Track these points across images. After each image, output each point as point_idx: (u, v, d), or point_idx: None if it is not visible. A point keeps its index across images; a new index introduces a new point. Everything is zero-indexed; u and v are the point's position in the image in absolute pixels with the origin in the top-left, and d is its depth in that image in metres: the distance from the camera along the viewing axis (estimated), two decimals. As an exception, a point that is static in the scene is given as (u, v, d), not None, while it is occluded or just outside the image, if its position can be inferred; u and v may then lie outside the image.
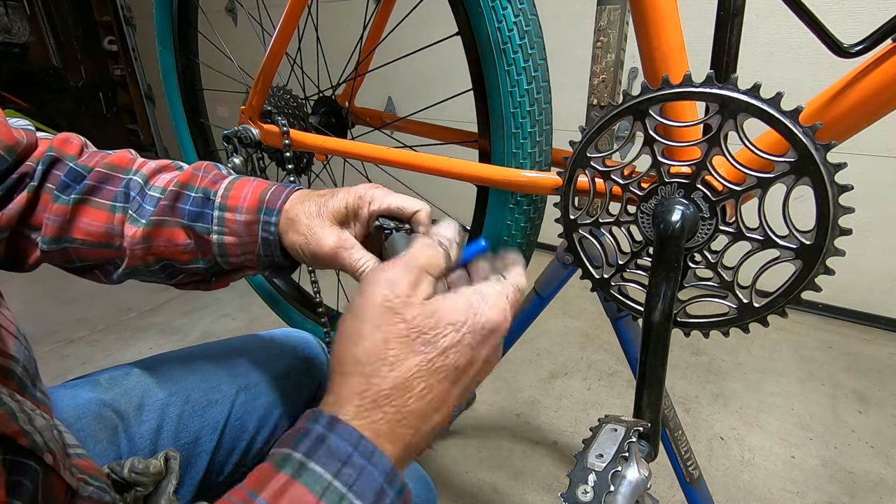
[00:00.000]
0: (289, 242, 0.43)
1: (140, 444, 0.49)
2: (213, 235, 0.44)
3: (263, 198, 0.44)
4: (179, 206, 0.45)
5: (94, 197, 0.45)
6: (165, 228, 0.45)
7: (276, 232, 0.43)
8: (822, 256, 0.39)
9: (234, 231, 0.44)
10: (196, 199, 0.45)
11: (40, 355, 1.52)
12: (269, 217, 0.43)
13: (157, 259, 0.46)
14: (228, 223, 0.44)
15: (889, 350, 1.49)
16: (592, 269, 0.52)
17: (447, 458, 1.14)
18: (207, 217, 0.44)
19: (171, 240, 0.45)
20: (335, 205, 0.42)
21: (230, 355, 0.58)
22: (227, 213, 0.44)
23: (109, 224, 0.45)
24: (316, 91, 0.90)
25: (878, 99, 0.39)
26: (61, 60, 3.98)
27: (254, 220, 0.43)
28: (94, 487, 0.33)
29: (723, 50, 0.50)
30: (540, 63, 0.54)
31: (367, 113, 0.93)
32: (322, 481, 0.24)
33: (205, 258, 0.46)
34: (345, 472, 0.24)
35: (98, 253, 0.46)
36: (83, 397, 0.48)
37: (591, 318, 1.67)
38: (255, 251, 0.45)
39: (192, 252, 0.46)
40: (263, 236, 0.43)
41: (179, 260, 0.46)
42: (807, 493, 1.03)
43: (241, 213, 0.44)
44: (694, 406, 1.27)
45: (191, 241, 0.45)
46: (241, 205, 0.44)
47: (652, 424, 0.45)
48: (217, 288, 0.51)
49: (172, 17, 0.97)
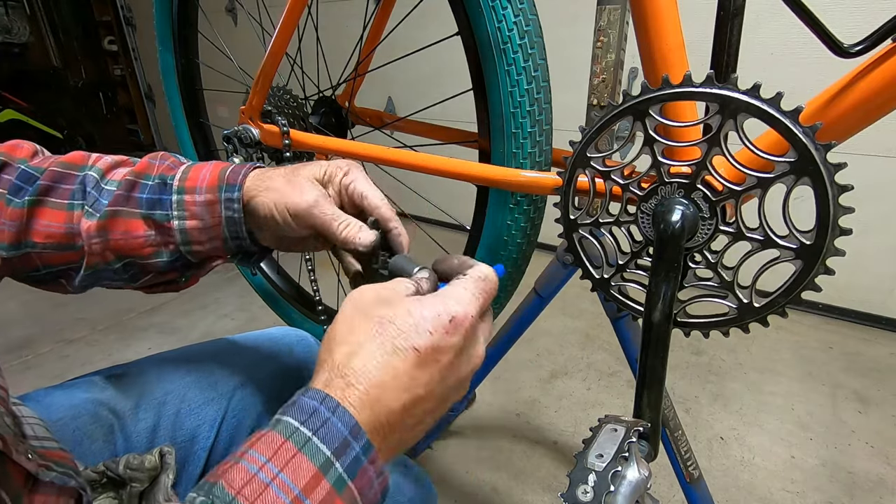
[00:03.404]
0: (261, 204, 0.41)
1: (137, 442, 0.49)
2: (174, 221, 0.42)
3: (223, 175, 0.43)
4: (135, 195, 0.43)
5: (49, 197, 0.43)
6: (121, 219, 0.43)
7: (240, 209, 0.42)
8: (822, 256, 0.39)
9: (195, 214, 0.42)
10: (153, 187, 0.43)
11: (40, 355, 1.53)
12: (231, 193, 0.42)
13: (118, 256, 0.44)
14: (188, 206, 0.42)
15: (889, 350, 1.48)
16: (592, 269, 0.52)
17: (447, 457, 1.14)
18: (166, 203, 0.42)
19: (128, 232, 0.43)
20: (312, 167, 0.42)
21: (227, 354, 0.58)
22: (186, 196, 0.42)
23: (69, 223, 0.43)
24: (316, 91, 0.90)
25: (878, 99, 0.39)
26: (61, 60, 3.98)
27: (215, 200, 0.42)
28: (57, 473, 0.33)
29: (723, 50, 0.50)
30: (540, 63, 0.55)
31: (367, 113, 0.93)
32: (290, 427, 0.27)
33: (168, 249, 0.44)
34: (310, 421, 0.27)
35: (62, 257, 0.44)
36: (79, 397, 0.49)
37: (591, 318, 1.67)
38: (220, 235, 0.43)
39: (153, 244, 0.44)
40: (227, 215, 0.42)
41: (141, 255, 0.44)
42: (807, 493, 1.02)
43: (201, 194, 0.42)
44: (694, 406, 1.27)
45: (151, 231, 0.43)
46: (201, 185, 0.42)
47: (652, 424, 0.45)
48: (188, 286, 0.49)
49: (172, 17, 0.97)
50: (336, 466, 0.26)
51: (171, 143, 4.02)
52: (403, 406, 0.29)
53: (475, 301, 0.33)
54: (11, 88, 3.25)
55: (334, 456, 0.26)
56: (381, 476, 0.29)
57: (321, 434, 0.27)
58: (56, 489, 0.33)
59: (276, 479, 0.25)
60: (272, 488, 0.25)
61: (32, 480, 0.31)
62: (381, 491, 0.29)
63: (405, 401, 0.29)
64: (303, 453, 0.26)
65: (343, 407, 0.28)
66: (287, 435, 0.27)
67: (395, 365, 0.29)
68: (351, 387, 0.29)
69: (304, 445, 0.26)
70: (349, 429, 0.27)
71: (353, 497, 0.27)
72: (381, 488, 0.29)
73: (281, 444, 0.26)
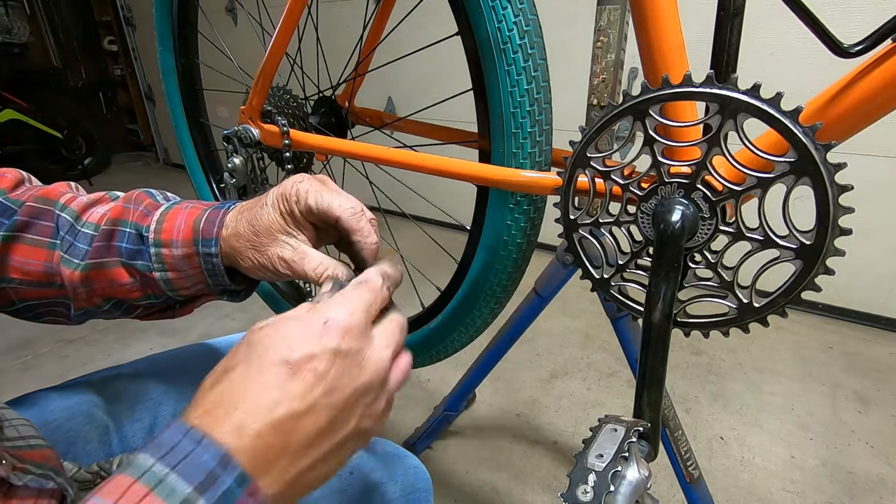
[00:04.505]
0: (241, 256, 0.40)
1: (133, 442, 0.49)
2: (156, 273, 0.42)
3: (197, 227, 0.41)
4: (115, 244, 0.42)
5: (27, 234, 0.41)
6: (105, 270, 0.42)
7: (219, 263, 0.41)
8: (822, 256, 0.39)
9: (174, 266, 0.41)
10: (131, 237, 0.42)
11: (40, 355, 1.53)
12: (208, 248, 0.41)
13: (105, 299, 0.43)
14: (166, 259, 0.41)
15: (889, 350, 1.49)
16: (592, 269, 0.52)
17: (447, 457, 1.14)
18: (145, 254, 0.42)
19: (113, 280, 0.42)
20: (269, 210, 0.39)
21: (223, 352, 0.58)
22: (164, 249, 0.41)
23: (48, 262, 0.42)
24: (316, 91, 0.90)
25: (878, 99, 0.39)
26: (61, 60, 3.98)
27: (192, 253, 0.41)
28: (34, 475, 0.32)
29: (723, 50, 0.50)
30: (540, 63, 0.54)
31: (366, 113, 0.93)
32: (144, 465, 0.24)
33: (155, 292, 0.43)
34: (169, 456, 0.24)
35: (40, 293, 0.43)
36: (74, 398, 0.49)
37: (591, 318, 1.67)
38: (203, 281, 0.42)
39: (139, 289, 0.43)
40: (207, 268, 0.41)
41: (129, 298, 0.43)
42: (807, 493, 1.02)
43: (178, 248, 0.41)
44: (694, 406, 1.27)
45: (135, 279, 0.42)
46: (176, 238, 0.41)
47: (652, 424, 0.45)
48: (182, 315, 0.49)
49: (172, 17, 0.97)
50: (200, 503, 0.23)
51: (171, 143, 4.02)
52: (277, 424, 0.26)
53: (353, 302, 0.31)
54: (11, 88, 3.25)
55: (197, 491, 0.23)
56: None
57: (181, 469, 0.23)
58: (34, 492, 0.32)
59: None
60: None
61: (7, 486, 0.31)
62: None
63: (279, 417, 0.26)
64: (155, 493, 0.23)
65: (210, 436, 0.24)
66: (138, 475, 0.23)
67: (264, 381, 0.27)
68: (217, 414, 0.26)
69: (159, 484, 0.23)
70: (217, 460, 0.24)
71: None
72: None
73: (129, 485, 0.23)
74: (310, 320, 0.29)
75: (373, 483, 0.51)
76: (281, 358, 0.27)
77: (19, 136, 3.26)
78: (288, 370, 0.27)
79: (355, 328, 0.30)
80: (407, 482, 0.54)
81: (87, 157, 3.67)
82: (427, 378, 1.41)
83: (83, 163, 3.62)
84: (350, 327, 0.29)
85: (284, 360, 0.27)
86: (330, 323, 0.29)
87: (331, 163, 0.95)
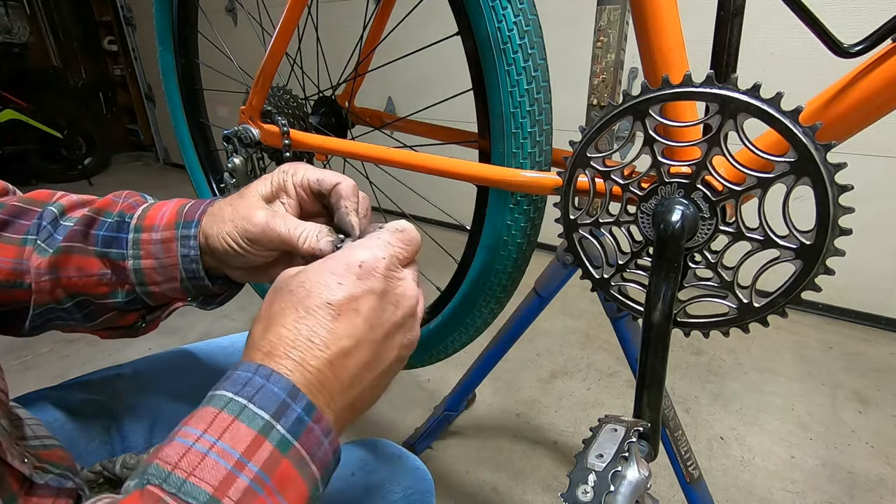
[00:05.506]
0: (215, 238, 0.39)
1: (133, 441, 0.49)
2: (129, 261, 0.40)
3: (182, 211, 0.41)
4: (93, 232, 0.41)
5: (4, 232, 0.40)
6: (76, 256, 0.40)
7: (196, 246, 0.40)
8: (822, 256, 0.39)
9: (150, 253, 0.40)
10: (111, 224, 0.41)
11: (40, 355, 1.53)
12: (188, 230, 0.40)
13: (70, 294, 0.41)
14: (144, 244, 0.40)
15: (889, 350, 1.49)
16: (592, 269, 0.52)
17: (447, 457, 1.14)
18: (122, 241, 0.40)
19: (83, 269, 0.40)
20: (257, 185, 0.40)
21: (223, 352, 0.58)
22: (143, 234, 0.40)
23: (18, 259, 0.40)
24: (316, 91, 0.90)
25: (878, 99, 0.39)
26: (61, 60, 3.98)
27: (171, 237, 0.40)
28: (54, 475, 0.33)
29: (723, 50, 0.50)
30: (540, 63, 0.54)
31: (367, 113, 0.93)
32: (225, 398, 0.26)
33: (123, 290, 0.41)
34: (245, 389, 0.26)
35: (5, 294, 0.40)
36: (76, 398, 0.49)
37: (591, 318, 1.67)
38: (176, 275, 0.41)
39: (108, 283, 0.41)
40: (182, 252, 0.40)
41: (95, 293, 0.41)
42: (807, 493, 1.02)
43: (158, 231, 0.40)
44: (694, 406, 1.27)
45: (106, 270, 0.41)
46: (159, 223, 0.40)
47: (652, 424, 0.45)
48: (147, 332, 0.47)
49: (172, 17, 0.97)
50: (277, 428, 0.26)
51: (171, 143, 4.02)
52: (330, 361, 0.29)
53: (386, 246, 0.32)
54: (11, 88, 3.25)
55: (273, 419, 0.26)
56: (329, 434, 0.28)
57: (257, 400, 0.26)
58: (53, 491, 0.33)
59: (213, 447, 0.24)
60: (210, 456, 0.24)
61: (28, 483, 0.31)
62: (333, 451, 0.28)
63: (331, 356, 0.29)
64: (240, 420, 0.25)
65: (278, 373, 0.27)
66: (221, 406, 0.26)
67: (311, 324, 0.29)
68: (277, 355, 0.28)
69: (241, 413, 0.26)
70: (286, 392, 0.27)
71: (300, 456, 0.26)
72: (332, 448, 0.28)
73: (215, 415, 0.26)
74: (347, 264, 0.31)
75: (375, 484, 0.51)
76: (324, 301, 0.29)
77: (19, 136, 3.26)
78: (333, 312, 0.29)
79: (391, 269, 0.32)
80: (409, 483, 0.54)
81: (87, 157, 3.67)
82: (427, 378, 1.41)
83: (83, 163, 3.62)
84: (387, 269, 0.31)
85: (327, 303, 0.29)
86: (366, 266, 0.31)
87: (331, 163, 0.95)
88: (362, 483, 0.51)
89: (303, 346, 0.28)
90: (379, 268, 0.31)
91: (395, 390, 1.34)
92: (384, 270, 0.31)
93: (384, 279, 0.31)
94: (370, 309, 0.30)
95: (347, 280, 0.30)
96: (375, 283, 0.31)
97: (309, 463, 0.26)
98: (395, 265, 0.32)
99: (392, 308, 0.32)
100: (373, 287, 0.31)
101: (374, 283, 0.31)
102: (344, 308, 0.29)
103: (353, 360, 0.30)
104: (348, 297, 0.30)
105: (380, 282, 0.31)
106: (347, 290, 0.30)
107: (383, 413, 1.28)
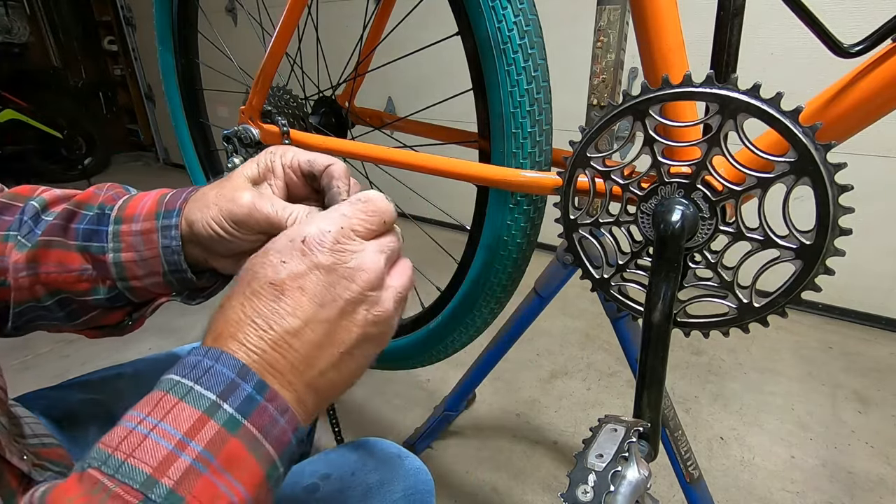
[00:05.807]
0: (199, 224, 0.38)
1: None
2: (109, 254, 0.39)
3: (163, 200, 0.39)
4: (73, 226, 0.39)
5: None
6: (55, 251, 0.39)
7: (177, 236, 0.38)
8: (822, 256, 0.39)
9: (130, 245, 0.39)
10: (92, 218, 0.40)
11: (40, 355, 1.53)
12: (169, 220, 0.38)
13: (49, 291, 0.40)
14: (124, 236, 0.39)
15: (889, 350, 1.49)
16: (592, 269, 0.52)
17: (447, 457, 1.14)
18: (102, 234, 0.39)
19: (63, 264, 0.39)
20: (245, 167, 0.39)
21: None
22: (123, 226, 0.39)
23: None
24: (316, 91, 0.90)
25: (878, 99, 0.39)
26: (61, 60, 3.98)
27: (152, 228, 0.38)
28: (52, 472, 0.33)
29: (723, 50, 0.50)
30: (540, 63, 0.54)
31: (367, 113, 0.93)
32: (171, 382, 0.26)
33: (105, 286, 0.40)
34: (192, 372, 0.26)
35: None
36: (75, 398, 0.49)
37: (591, 318, 1.67)
38: (158, 269, 0.39)
39: (89, 279, 0.40)
40: (164, 244, 0.38)
41: (76, 290, 0.40)
42: (807, 493, 1.02)
43: (138, 222, 0.39)
44: (694, 406, 1.27)
45: (87, 265, 0.39)
46: (139, 213, 0.39)
47: (652, 424, 0.45)
48: (134, 329, 0.46)
49: (172, 17, 0.97)
50: (224, 408, 0.25)
51: (171, 143, 4.02)
52: (274, 342, 0.28)
53: (339, 218, 0.31)
54: (11, 88, 3.25)
55: (220, 398, 0.25)
56: (285, 413, 0.27)
57: (204, 381, 0.26)
58: None
59: (155, 428, 0.24)
60: (151, 437, 0.24)
61: (27, 480, 0.31)
62: (293, 430, 0.28)
63: (276, 337, 0.28)
64: (184, 402, 0.25)
65: (227, 353, 0.27)
66: (167, 388, 0.26)
67: (255, 306, 0.28)
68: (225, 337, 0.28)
69: (186, 395, 0.25)
70: (235, 371, 0.26)
71: (251, 435, 0.26)
72: (291, 426, 0.27)
73: (161, 397, 0.25)
74: (291, 238, 0.30)
75: (375, 484, 0.51)
76: (267, 280, 0.29)
77: (19, 136, 3.26)
78: (276, 291, 0.28)
79: (336, 241, 0.30)
80: (408, 483, 0.54)
81: (86, 157, 3.67)
82: (427, 378, 1.41)
83: (83, 163, 3.62)
84: (335, 241, 0.30)
85: (270, 283, 0.28)
86: (309, 240, 0.29)
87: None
88: (362, 483, 0.51)
89: (248, 327, 0.28)
90: (325, 241, 0.29)
91: (394, 390, 1.34)
92: (331, 244, 0.29)
93: (331, 253, 0.29)
94: (317, 286, 0.29)
95: (290, 257, 0.29)
96: (321, 257, 0.29)
97: (263, 442, 0.26)
98: (347, 237, 0.30)
99: (345, 283, 0.29)
100: (318, 262, 0.29)
101: (319, 257, 0.29)
102: (287, 286, 0.28)
103: (302, 340, 0.28)
104: (291, 274, 0.29)
105: (325, 256, 0.29)
106: (290, 269, 0.29)
107: (383, 413, 1.28)
